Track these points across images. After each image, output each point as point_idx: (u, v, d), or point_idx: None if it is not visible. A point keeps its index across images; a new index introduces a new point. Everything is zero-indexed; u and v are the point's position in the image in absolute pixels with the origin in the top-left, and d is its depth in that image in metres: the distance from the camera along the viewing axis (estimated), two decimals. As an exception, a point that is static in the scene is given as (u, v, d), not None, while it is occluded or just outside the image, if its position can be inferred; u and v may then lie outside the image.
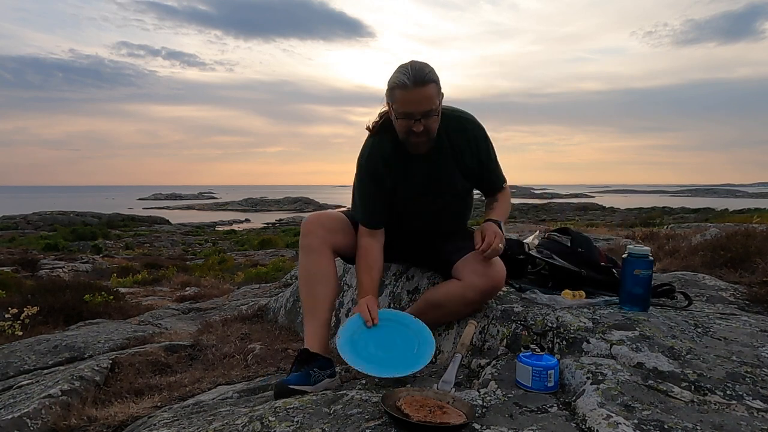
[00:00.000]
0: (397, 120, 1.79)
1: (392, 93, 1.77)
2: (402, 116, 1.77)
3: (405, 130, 1.80)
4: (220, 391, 2.08)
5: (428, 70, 1.75)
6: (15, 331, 4.21)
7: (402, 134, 1.83)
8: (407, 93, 1.72)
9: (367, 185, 1.95)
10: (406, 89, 1.72)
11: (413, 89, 1.72)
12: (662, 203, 59.37)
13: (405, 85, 1.72)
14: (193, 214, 64.81)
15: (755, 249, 3.06)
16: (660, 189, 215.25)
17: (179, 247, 27.09)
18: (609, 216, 38.40)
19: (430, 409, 1.33)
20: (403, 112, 1.76)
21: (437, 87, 1.77)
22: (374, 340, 1.73)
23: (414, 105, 1.74)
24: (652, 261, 1.88)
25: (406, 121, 1.77)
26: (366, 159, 1.94)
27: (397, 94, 1.75)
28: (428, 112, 1.76)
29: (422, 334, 1.78)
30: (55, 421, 1.98)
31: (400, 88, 1.73)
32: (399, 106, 1.76)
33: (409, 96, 1.73)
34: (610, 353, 1.58)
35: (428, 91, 1.74)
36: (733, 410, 1.29)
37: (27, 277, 10.97)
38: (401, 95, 1.74)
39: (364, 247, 1.96)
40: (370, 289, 1.90)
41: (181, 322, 4.16)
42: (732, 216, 18.38)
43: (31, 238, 28.22)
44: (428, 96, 1.74)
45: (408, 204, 2.00)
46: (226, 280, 8.93)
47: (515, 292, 2.07)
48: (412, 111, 1.74)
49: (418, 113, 1.75)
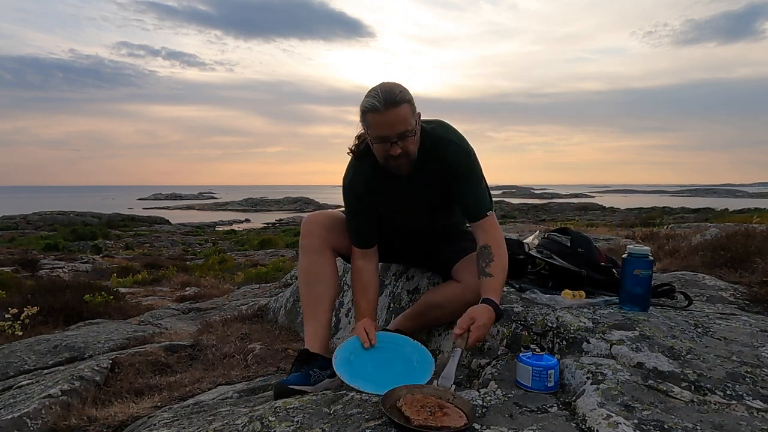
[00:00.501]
0: (374, 144, 1.74)
1: (365, 118, 1.72)
2: (378, 140, 1.71)
3: (383, 155, 1.74)
4: (220, 391, 2.08)
5: (399, 90, 1.68)
6: (15, 331, 4.22)
7: (381, 159, 1.78)
8: (379, 116, 1.67)
9: (354, 208, 1.94)
10: (377, 113, 1.66)
11: (385, 112, 1.66)
12: (662, 203, 59.37)
13: (376, 108, 1.66)
14: (193, 214, 64.83)
15: (755, 249, 3.06)
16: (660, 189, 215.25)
17: (179, 247, 27.09)
18: (609, 216, 38.40)
19: (430, 410, 1.32)
20: (378, 136, 1.70)
21: (411, 106, 1.71)
22: (372, 361, 1.71)
23: (388, 128, 1.68)
24: (652, 261, 1.88)
25: (383, 145, 1.71)
26: (349, 183, 1.92)
27: (369, 118, 1.69)
28: (404, 134, 1.69)
29: (421, 354, 1.75)
30: (55, 421, 1.98)
31: (372, 112, 1.67)
32: (373, 131, 1.71)
33: (381, 119, 1.67)
34: (610, 353, 1.58)
35: (401, 112, 1.67)
36: (733, 410, 1.29)
37: (27, 277, 10.97)
38: (374, 119, 1.68)
39: (358, 269, 1.96)
40: (366, 311, 1.89)
41: (181, 322, 4.16)
42: (732, 216, 18.38)
43: (31, 238, 28.23)
44: (402, 117, 1.68)
45: (393, 219, 2.01)
46: (226, 280, 8.93)
47: (515, 292, 2.07)
48: (387, 134, 1.68)
49: (394, 136, 1.68)
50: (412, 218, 2.01)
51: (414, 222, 2.03)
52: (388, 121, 1.67)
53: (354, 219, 1.96)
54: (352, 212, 1.95)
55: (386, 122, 1.67)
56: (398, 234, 2.09)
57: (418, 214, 1.99)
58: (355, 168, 1.92)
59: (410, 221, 2.03)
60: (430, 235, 2.09)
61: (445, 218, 2.05)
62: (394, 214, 1.99)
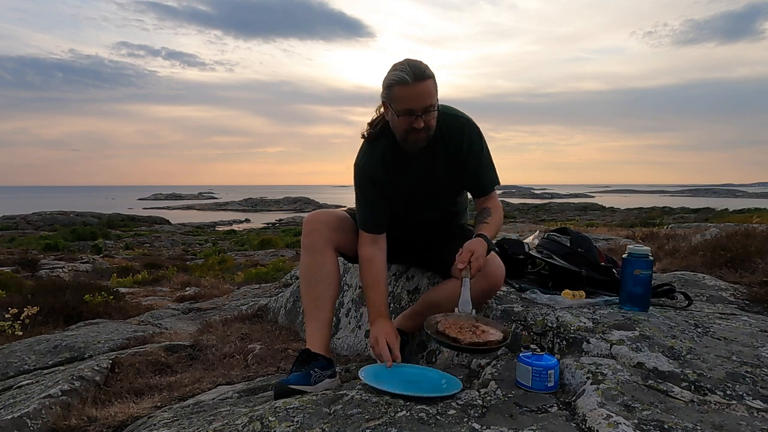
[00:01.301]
0: (398, 117, 1.77)
1: (390, 91, 1.75)
2: (403, 113, 1.75)
3: (405, 128, 1.78)
4: (220, 391, 2.08)
5: (425, 66, 1.74)
6: (15, 331, 4.21)
7: (402, 132, 1.81)
8: (408, 89, 1.71)
9: (368, 189, 1.93)
10: (406, 85, 1.71)
11: (414, 85, 1.71)
12: (662, 203, 59.38)
13: (405, 81, 1.70)
14: (193, 214, 64.81)
15: (755, 249, 3.07)
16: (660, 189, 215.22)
17: (179, 247, 27.08)
18: (609, 216, 38.40)
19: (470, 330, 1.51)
20: (404, 109, 1.74)
21: (435, 83, 1.76)
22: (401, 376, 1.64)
23: (415, 101, 1.73)
24: (652, 261, 1.88)
25: (408, 117, 1.75)
26: (364, 163, 1.93)
27: (396, 91, 1.73)
28: (428, 108, 1.75)
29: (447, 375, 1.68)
30: (55, 421, 1.98)
31: (400, 85, 1.71)
32: (399, 103, 1.74)
33: (409, 92, 1.71)
34: (610, 353, 1.58)
35: (428, 86, 1.74)
36: (733, 410, 1.29)
37: (27, 277, 10.97)
38: (402, 91, 1.72)
39: (368, 259, 1.92)
40: (382, 307, 1.85)
41: (181, 322, 4.16)
42: (732, 216, 18.38)
43: (31, 238, 28.21)
44: (428, 91, 1.74)
45: (406, 204, 2.00)
46: (226, 280, 8.93)
47: (515, 292, 2.07)
48: (413, 107, 1.73)
49: (419, 109, 1.73)
50: (423, 201, 1.99)
51: (423, 205, 2.01)
52: (416, 93, 1.72)
53: (365, 201, 1.94)
54: (364, 194, 1.94)
55: (414, 95, 1.72)
56: (404, 225, 2.05)
57: (429, 196, 1.98)
58: (370, 149, 1.93)
59: (420, 205, 2.01)
60: (435, 226, 2.08)
61: (452, 203, 2.07)
62: (405, 197, 1.97)
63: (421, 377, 1.65)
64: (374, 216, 1.94)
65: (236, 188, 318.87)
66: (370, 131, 1.92)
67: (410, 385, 1.55)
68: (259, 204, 75.95)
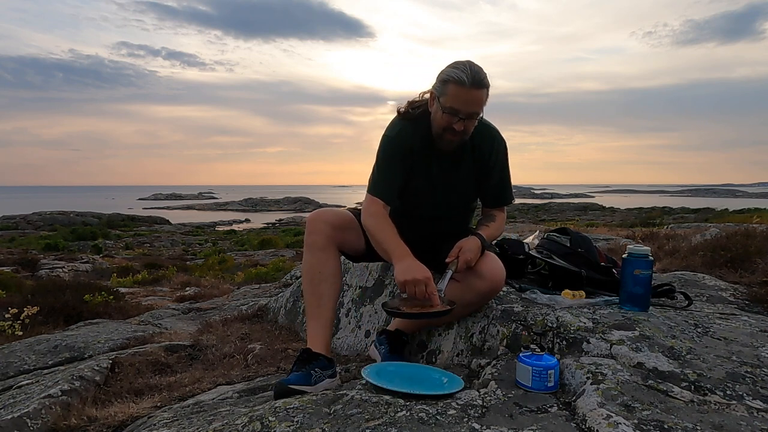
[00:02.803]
0: (442, 113, 1.79)
1: (445, 86, 1.76)
2: (448, 111, 1.77)
3: (445, 126, 1.80)
4: (220, 391, 2.08)
5: (485, 74, 1.76)
6: (15, 331, 4.21)
7: (439, 128, 1.83)
8: (462, 91, 1.73)
9: (392, 158, 1.91)
10: (462, 86, 1.72)
11: (469, 89, 1.73)
12: (662, 203, 59.38)
13: (462, 82, 1.72)
14: (193, 214, 64.79)
15: (755, 249, 3.07)
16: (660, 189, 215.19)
17: (179, 247, 27.08)
18: (609, 216, 38.40)
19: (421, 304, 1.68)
20: (451, 108, 1.76)
21: (488, 93, 1.79)
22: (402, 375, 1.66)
23: (464, 104, 1.75)
24: (652, 261, 1.88)
25: (450, 117, 1.77)
26: (396, 135, 1.92)
27: (450, 88, 1.75)
28: (473, 114, 1.77)
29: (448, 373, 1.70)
30: (55, 421, 1.97)
31: (456, 84, 1.73)
32: (448, 101, 1.76)
33: (463, 94, 1.73)
34: (610, 353, 1.58)
35: (481, 95, 1.76)
36: (733, 410, 1.29)
37: (27, 277, 10.96)
38: (455, 91, 1.74)
39: (384, 215, 1.87)
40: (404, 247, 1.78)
41: (181, 322, 4.16)
42: (732, 216, 18.38)
43: (31, 238, 28.21)
44: (479, 99, 1.76)
45: (419, 196, 1.99)
46: (226, 280, 8.93)
47: (515, 292, 2.07)
48: (460, 109, 1.75)
49: (465, 113, 1.76)
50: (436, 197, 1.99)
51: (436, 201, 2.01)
52: (468, 98, 1.75)
53: (388, 168, 1.91)
54: (389, 161, 1.91)
55: (466, 99, 1.74)
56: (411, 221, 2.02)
57: (444, 194, 1.99)
58: (406, 126, 1.92)
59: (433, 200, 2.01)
60: (441, 226, 2.07)
61: (463, 206, 2.09)
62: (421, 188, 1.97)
63: (422, 376, 1.66)
64: (392, 184, 1.92)
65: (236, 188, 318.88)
66: (409, 111, 1.92)
67: (412, 383, 1.56)
68: (259, 204, 75.94)
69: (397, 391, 1.50)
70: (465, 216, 2.14)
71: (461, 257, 1.77)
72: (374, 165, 1.97)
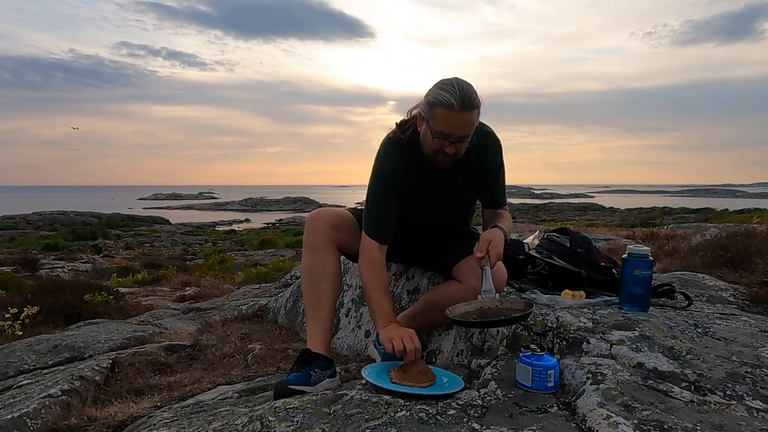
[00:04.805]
0: (432, 138, 1.72)
1: (433, 109, 1.69)
2: (439, 136, 1.70)
3: (435, 149, 1.74)
4: (220, 391, 2.08)
5: (475, 94, 1.68)
6: (15, 331, 4.22)
7: (430, 151, 1.77)
8: (452, 115, 1.66)
9: (386, 196, 1.87)
10: (451, 111, 1.65)
11: (459, 113, 1.65)
12: (662, 203, 59.37)
13: (451, 106, 1.64)
14: (193, 214, 64.77)
15: (755, 249, 3.07)
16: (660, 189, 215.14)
17: (179, 247, 27.08)
18: (609, 216, 38.40)
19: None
20: (441, 132, 1.69)
21: (479, 112, 1.72)
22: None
23: (455, 128, 1.68)
24: (652, 261, 1.88)
25: (441, 141, 1.71)
26: (389, 168, 1.86)
27: (439, 113, 1.67)
28: (464, 138, 1.71)
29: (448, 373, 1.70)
30: (55, 420, 1.98)
31: (445, 108, 1.65)
32: (438, 125, 1.69)
33: (452, 119, 1.66)
34: (610, 353, 1.58)
35: (472, 117, 1.69)
36: (733, 410, 1.29)
37: (27, 277, 10.96)
38: (444, 116, 1.67)
39: (379, 264, 1.84)
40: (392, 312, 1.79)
41: (181, 322, 4.16)
42: (732, 216, 18.38)
43: (31, 238, 28.20)
44: (470, 122, 1.69)
45: (419, 212, 1.98)
46: (226, 280, 8.93)
47: (515, 292, 2.07)
48: (451, 133, 1.69)
49: (456, 137, 1.70)
50: (437, 208, 1.98)
51: (437, 212, 2.00)
52: (458, 122, 1.67)
53: (384, 208, 1.87)
54: (384, 201, 1.87)
55: (456, 123, 1.67)
56: (412, 229, 2.03)
57: (444, 204, 1.98)
58: (396, 155, 1.87)
59: (434, 216, 2.00)
60: (442, 231, 2.07)
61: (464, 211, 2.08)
62: (420, 205, 1.96)
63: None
64: (387, 224, 1.88)
65: (236, 188, 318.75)
66: (400, 136, 1.86)
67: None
68: (259, 204, 75.94)
69: (396, 391, 1.50)
70: (465, 219, 2.13)
71: (492, 252, 1.70)
72: (367, 196, 1.91)
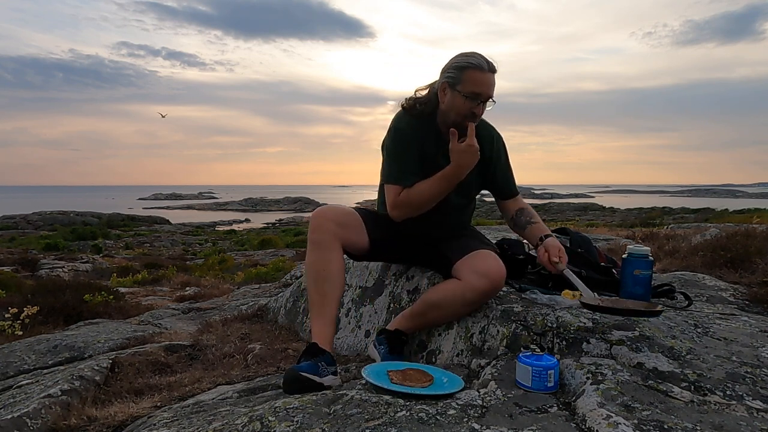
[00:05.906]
0: (464, 99, 1.84)
1: (462, 72, 1.83)
2: (471, 96, 1.83)
3: (466, 112, 1.85)
4: (220, 391, 2.08)
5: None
6: (15, 330, 4.21)
7: (459, 116, 1.86)
8: (482, 74, 1.82)
9: (404, 147, 1.95)
10: (482, 71, 1.81)
11: (488, 73, 1.83)
12: (662, 203, 59.35)
13: (481, 66, 1.81)
14: (193, 214, 64.75)
15: (755, 249, 3.06)
16: (660, 189, 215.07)
17: (179, 247, 27.08)
18: (609, 216, 38.40)
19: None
20: (473, 92, 1.83)
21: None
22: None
23: (486, 87, 1.83)
24: (652, 261, 1.88)
25: (471, 102, 1.83)
26: (406, 127, 1.96)
27: (469, 74, 1.82)
28: (490, 97, 1.86)
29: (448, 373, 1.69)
30: (55, 420, 1.97)
31: (476, 69, 1.81)
32: (470, 86, 1.82)
33: (483, 78, 1.82)
34: (610, 353, 1.58)
35: (494, 79, 1.86)
36: (733, 410, 1.29)
37: (27, 277, 10.96)
38: (475, 75, 1.82)
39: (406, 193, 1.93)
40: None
41: (181, 322, 4.16)
42: (732, 216, 18.38)
43: (31, 238, 28.20)
44: (494, 83, 1.86)
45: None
46: (226, 280, 8.93)
47: (515, 292, 2.07)
48: (482, 92, 1.83)
49: (486, 96, 1.84)
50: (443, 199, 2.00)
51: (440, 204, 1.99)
52: (488, 81, 1.84)
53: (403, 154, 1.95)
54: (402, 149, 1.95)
55: (486, 82, 1.84)
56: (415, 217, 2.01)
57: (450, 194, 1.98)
58: (413, 122, 1.97)
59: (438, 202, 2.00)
60: (443, 226, 2.07)
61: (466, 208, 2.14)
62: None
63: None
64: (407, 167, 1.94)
65: (236, 188, 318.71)
66: (415, 107, 1.95)
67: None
68: (259, 204, 75.93)
69: (397, 391, 1.50)
70: (468, 213, 2.17)
71: (562, 258, 1.88)
72: (384, 157, 1.99)
